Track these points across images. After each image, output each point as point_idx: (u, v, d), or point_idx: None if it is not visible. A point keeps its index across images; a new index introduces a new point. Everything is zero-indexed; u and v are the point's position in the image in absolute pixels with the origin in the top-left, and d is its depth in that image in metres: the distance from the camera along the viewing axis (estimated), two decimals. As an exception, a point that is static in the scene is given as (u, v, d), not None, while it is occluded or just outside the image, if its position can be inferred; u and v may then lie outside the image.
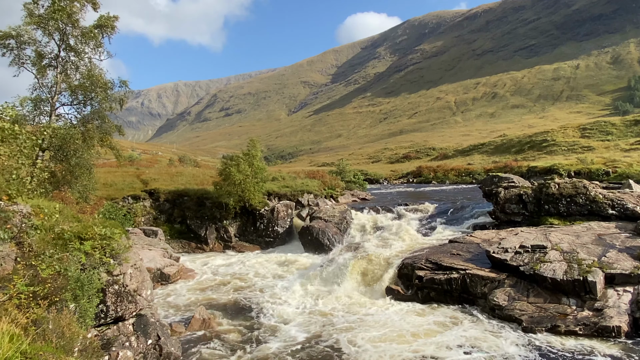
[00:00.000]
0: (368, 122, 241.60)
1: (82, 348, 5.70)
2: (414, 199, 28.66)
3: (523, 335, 9.56)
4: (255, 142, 24.09)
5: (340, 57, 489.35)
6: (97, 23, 14.69)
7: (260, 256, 20.08)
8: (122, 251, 8.25)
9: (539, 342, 9.16)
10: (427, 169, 61.74)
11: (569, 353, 8.61)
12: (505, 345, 9.13)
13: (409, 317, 11.14)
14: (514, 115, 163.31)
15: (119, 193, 23.00)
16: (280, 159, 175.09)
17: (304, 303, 12.65)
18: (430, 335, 9.84)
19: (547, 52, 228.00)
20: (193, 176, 28.10)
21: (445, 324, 10.55)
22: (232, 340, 10.07)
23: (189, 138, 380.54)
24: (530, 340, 9.25)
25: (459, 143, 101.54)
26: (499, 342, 9.26)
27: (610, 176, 33.89)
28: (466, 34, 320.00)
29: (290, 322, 11.15)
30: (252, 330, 10.65)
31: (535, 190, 17.19)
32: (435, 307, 11.74)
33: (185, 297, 13.77)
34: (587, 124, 76.75)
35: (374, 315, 11.36)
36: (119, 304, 7.93)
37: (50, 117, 14.15)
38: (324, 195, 28.28)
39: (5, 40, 13.40)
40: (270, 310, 12.09)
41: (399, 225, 20.69)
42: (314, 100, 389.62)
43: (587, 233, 13.38)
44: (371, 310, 11.82)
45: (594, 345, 8.86)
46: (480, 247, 13.81)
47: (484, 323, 10.42)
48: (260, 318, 11.56)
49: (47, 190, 12.75)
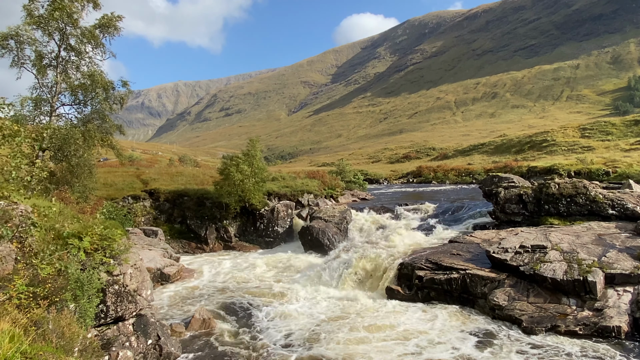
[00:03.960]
0: (368, 122, 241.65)
1: (82, 348, 5.70)
2: (414, 199, 28.66)
3: (523, 335, 9.56)
4: (255, 142, 24.06)
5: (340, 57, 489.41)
6: (99, 22, 14.61)
7: (260, 256, 20.06)
8: (122, 251, 8.25)
9: (539, 342, 9.16)
10: (427, 169, 61.71)
11: (569, 353, 8.61)
12: (505, 345, 9.13)
13: (409, 317, 11.14)
14: (514, 115, 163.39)
15: (119, 193, 23.00)
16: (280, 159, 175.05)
17: (304, 303, 12.65)
18: (430, 336, 9.84)
19: (547, 52, 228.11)
20: (193, 176, 28.09)
21: (445, 324, 10.54)
22: (232, 341, 10.07)
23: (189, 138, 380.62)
24: (530, 341, 9.25)
25: (459, 143, 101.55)
26: (499, 342, 9.25)
27: (610, 176, 33.88)
28: (466, 34, 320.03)
29: (290, 322, 11.14)
30: (252, 331, 10.64)
31: (535, 190, 17.19)
32: (436, 307, 11.73)
33: (185, 297, 13.76)
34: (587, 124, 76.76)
35: (374, 315, 11.35)
36: (119, 304, 7.93)
37: (51, 117, 14.14)
38: (324, 195, 28.28)
39: (4, 41, 13.37)
40: (270, 310, 12.08)
41: (398, 225, 20.69)
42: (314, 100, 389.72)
43: (587, 233, 13.38)
44: (371, 310, 11.81)
45: (594, 345, 8.86)
46: (480, 247, 13.81)
47: (484, 323, 10.42)
48: (260, 318, 11.56)
49: (48, 190, 12.74)
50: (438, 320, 10.79)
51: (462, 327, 10.28)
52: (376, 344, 9.39)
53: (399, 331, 10.14)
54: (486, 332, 9.89)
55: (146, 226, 21.26)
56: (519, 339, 9.36)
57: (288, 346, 9.60)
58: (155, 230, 20.31)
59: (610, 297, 9.95)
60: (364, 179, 41.20)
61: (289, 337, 10.09)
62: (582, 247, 11.86)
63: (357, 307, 12.14)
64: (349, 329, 10.42)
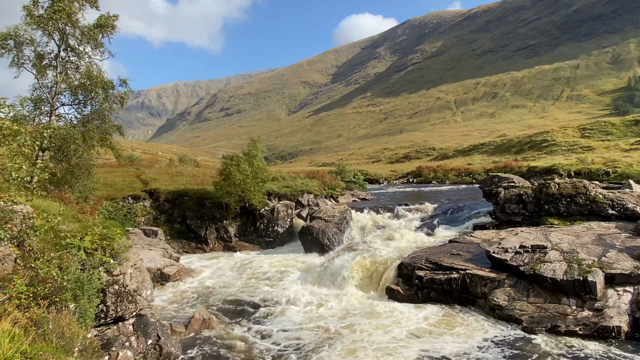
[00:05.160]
0: (368, 122, 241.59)
1: (82, 348, 5.70)
2: (414, 199, 28.65)
3: (523, 335, 9.56)
4: (256, 142, 24.05)
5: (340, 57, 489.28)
6: (97, 22, 14.69)
7: (260, 256, 20.07)
8: (122, 251, 8.25)
9: (539, 342, 9.16)
10: (427, 169, 61.66)
11: (569, 353, 8.61)
12: (505, 345, 9.12)
13: (409, 317, 11.14)
14: (514, 115, 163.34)
15: (119, 193, 23.00)
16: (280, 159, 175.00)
17: (303, 304, 12.64)
18: (429, 335, 9.84)
19: (547, 52, 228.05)
20: (193, 176, 28.09)
21: (445, 324, 10.54)
22: (232, 341, 10.07)
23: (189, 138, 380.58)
24: (530, 341, 9.25)
25: (459, 143, 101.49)
26: (499, 342, 9.25)
27: (610, 176, 33.86)
28: (466, 34, 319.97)
29: (290, 322, 11.14)
30: (252, 331, 10.65)
31: (535, 190, 17.19)
32: (436, 307, 11.73)
33: (185, 297, 13.76)
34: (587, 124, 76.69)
35: (374, 316, 11.34)
36: (119, 304, 7.93)
37: (50, 117, 14.14)
38: (324, 195, 28.28)
39: (4, 41, 13.38)
40: (270, 310, 12.09)
41: (399, 225, 20.68)
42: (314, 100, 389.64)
43: (587, 233, 13.38)
44: (371, 310, 11.81)
45: (594, 346, 8.86)
46: (480, 247, 13.81)
47: (484, 323, 10.42)
48: (259, 318, 11.56)
49: (48, 190, 12.74)
50: (438, 320, 10.79)
51: (462, 327, 10.28)
52: (376, 344, 9.39)
53: (399, 331, 10.14)
54: (486, 332, 9.89)
55: (146, 226, 21.26)
56: (519, 339, 9.35)
57: (288, 346, 9.60)
58: (155, 230, 20.31)
59: (610, 297, 9.95)
60: (364, 179, 41.18)
61: (289, 338, 10.09)
62: (582, 247, 11.86)
63: (357, 307, 12.14)
64: (350, 329, 10.42)
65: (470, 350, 8.93)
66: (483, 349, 8.98)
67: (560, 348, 8.85)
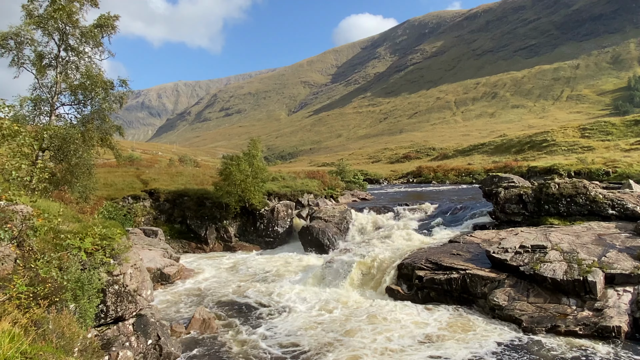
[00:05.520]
0: (368, 122, 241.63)
1: (82, 348, 5.70)
2: (414, 199, 28.65)
3: (523, 335, 9.56)
4: (256, 142, 24.06)
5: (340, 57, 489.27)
6: (97, 22, 14.67)
7: (260, 256, 20.07)
8: (122, 251, 8.25)
9: (539, 342, 9.16)
10: (427, 169, 61.67)
11: (569, 353, 8.61)
12: (505, 345, 9.12)
13: (409, 317, 11.13)
14: (514, 115, 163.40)
15: (119, 193, 22.99)
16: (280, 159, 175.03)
17: (304, 304, 12.64)
18: (431, 335, 9.83)
19: (547, 52, 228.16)
20: (193, 176, 28.09)
21: (445, 323, 10.54)
22: (232, 341, 10.07)
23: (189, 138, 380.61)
24: (530, 341, 9.25)
25: (459, 143, 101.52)
26: (499, 342, 9.25)
27: (610, 176, 33.86)
28: (466, 34, 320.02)
29: (290, 322, 11.14)
30: (252, 331, 10.64)
31: (535, 190, 17.18)
32: (436, 307, 11.72)
33: (185, 297, 13.76)
34: (587, 124, 76.72)
35: (374, 316, 11.34)
36: (119, 304, 7.93)
37: (50, 117, 14.13)
38: (324, 195, 28.29)
39: (4, 41, 13.37)
40: (270, 310, 12.09)
41: (399, 226, 20.68)
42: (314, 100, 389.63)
43: (587, 233, 13.38)
44: (371, 310, 11.81)
45: (594, 346, 8.86)
46: (480, 247, 13.81)
47: (484, 323, 10.41)
48: (259, 318, 11.56)
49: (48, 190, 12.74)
50: (438, 319, 10.79)
51: (462, 327, 10.27)
52: (377, 345, 9.39)
53: (399, 331, 10.13)
54: (486, 332, 9.89)
55: (146, 226, 21.25)
56: (519, 339, 9.35)
57: (288, 347, 9.60)
58: (155, 230, 20.30)
59: (610, 297, 9.95)
60: (364, 179, 41.19)
61: (289, 338, 10.09)
62: (582, 247, 11.87)
63: (357, 307, 12.13)
64: (350, 329, 10.41)
65: (469, 350, 8.91)
66: (483, 349, 8.97)
67: (560, 348, 8.84)
